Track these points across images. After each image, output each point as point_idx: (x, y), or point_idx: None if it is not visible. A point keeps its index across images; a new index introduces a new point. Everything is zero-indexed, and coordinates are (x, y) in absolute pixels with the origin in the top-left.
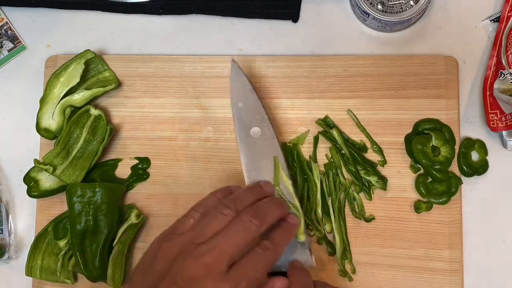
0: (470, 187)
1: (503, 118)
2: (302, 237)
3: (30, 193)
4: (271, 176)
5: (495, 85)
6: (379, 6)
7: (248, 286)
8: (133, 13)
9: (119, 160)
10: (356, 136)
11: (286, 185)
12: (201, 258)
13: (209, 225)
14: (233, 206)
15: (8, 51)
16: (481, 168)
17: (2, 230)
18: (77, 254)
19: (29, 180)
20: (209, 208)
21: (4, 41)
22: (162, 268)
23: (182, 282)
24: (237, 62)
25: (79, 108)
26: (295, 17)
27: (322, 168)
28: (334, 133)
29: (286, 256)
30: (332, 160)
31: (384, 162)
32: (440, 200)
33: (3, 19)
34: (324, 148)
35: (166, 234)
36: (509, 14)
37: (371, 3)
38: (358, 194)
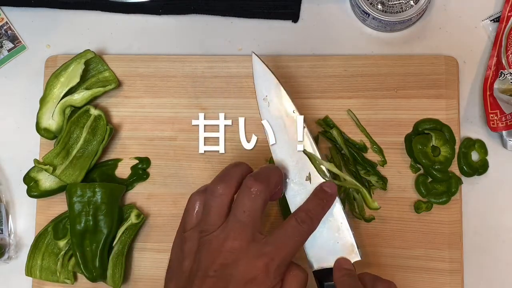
0: (470, 187)
1: (503, 118)
2: (375, 205)
3: (30, 193)
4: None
5: (495, 85)
6: (379, 6)
7: (282, 261)
8: (133, 13)
9: (119, 160)
10: (356, 136)
11: (330, 170)
12: (224, 243)
13: (212, 211)
14: (222, 182)
15: (8, 51)
16: (481, 168)
17: (2, 230)
18: (77, 254)
19: (29, 180)
20: (207, 194)
21: (4, 41)
22: (190, 266)
23: (214, 271)
24: (257, 54)
25: (79, 108)
26: (295, 17)
27: None
28: (334, 133)
29: (330, 251)
30: (332, 160)
31: (384, 162)
32: (440, 200)
33: (3, 19)
34: (324, 148)
35: (179, 235)
36: (509, 14)
37: (371, 3)
38: (358, 194)
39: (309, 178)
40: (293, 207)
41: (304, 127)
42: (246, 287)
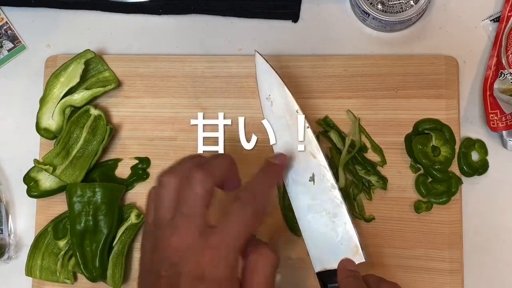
0: (470, 187)
1: (503, 118)
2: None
3: (30, 193)
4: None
5: (495, 85)
6: (379, 6)
7: (230, 249)
8: (133, 13)
9: (119, 160)
10: None
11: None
12: (170, 240)
13: (161, 205)
14: (168, 173)
15: (8, 51)
16: (481, 168)
17: (2, 230)
18: (77, 254)
19: (29, 180)
20: (157, 186)
21: (4, 41)
22: (148, 266)
23: (165, 271)
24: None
25: (79, 108)
26: (295, 17)
27: None
28: (332, 135)
29: (334, 252)
30: (332, 160)
31: (384, 162)
32: (440, 200)
33: (3, 19)
34: (324, 148)
35: (143, 232)
36: (509, 14)
37: (371, 3)
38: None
39: (312, 179)
40: (295, 208)
41: (308, 127)
42: (196, 284)
